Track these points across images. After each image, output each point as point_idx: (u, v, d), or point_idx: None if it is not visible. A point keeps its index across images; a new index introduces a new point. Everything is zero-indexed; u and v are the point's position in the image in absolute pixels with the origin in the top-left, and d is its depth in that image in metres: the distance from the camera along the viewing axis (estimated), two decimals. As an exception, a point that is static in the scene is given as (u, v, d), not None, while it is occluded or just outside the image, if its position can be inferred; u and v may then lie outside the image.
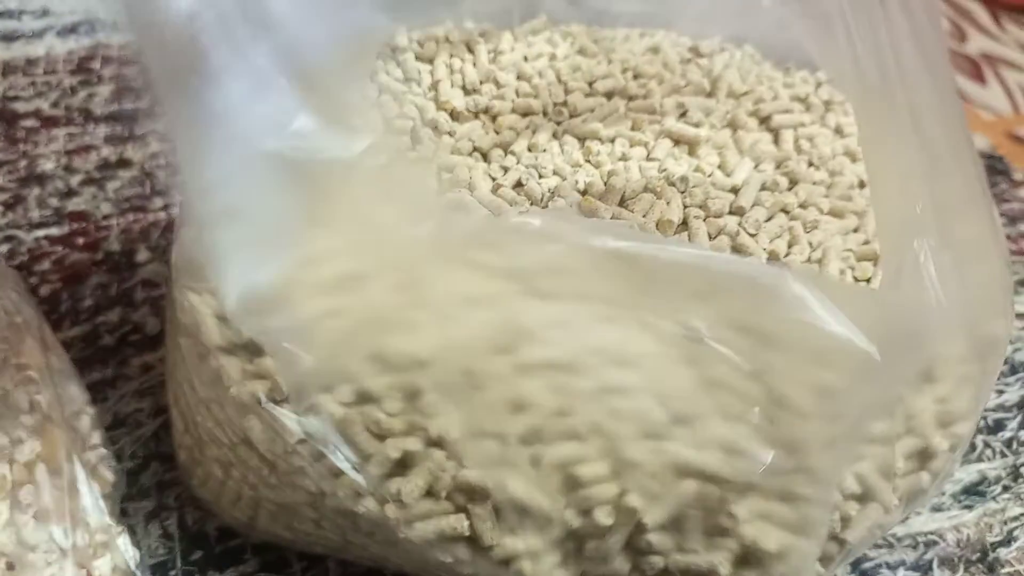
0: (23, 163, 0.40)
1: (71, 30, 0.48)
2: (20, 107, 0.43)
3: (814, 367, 0.21)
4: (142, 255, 0.36)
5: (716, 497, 0.21)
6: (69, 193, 0.38)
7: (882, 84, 0.24)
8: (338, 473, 0.20)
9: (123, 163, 0.40)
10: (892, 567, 0.29)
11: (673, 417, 0.21)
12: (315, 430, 0.20)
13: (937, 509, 0.31)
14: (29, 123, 0.42)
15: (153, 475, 0.28)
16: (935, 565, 0.29)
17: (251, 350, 0.21)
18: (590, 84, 0.30)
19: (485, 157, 0.27)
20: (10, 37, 0.47)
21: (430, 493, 0.20)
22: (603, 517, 0.21)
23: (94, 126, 0.42)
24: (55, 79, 0.45)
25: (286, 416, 0.20)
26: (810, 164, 0.28)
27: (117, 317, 0.33)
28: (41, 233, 0.36)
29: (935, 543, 0.29)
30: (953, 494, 0.31)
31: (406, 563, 0.22)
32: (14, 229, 0.36)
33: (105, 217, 0.37)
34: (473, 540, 0.20)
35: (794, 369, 0.21)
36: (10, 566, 0.20)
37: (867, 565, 0.29)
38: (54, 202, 0.38)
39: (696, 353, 0.21)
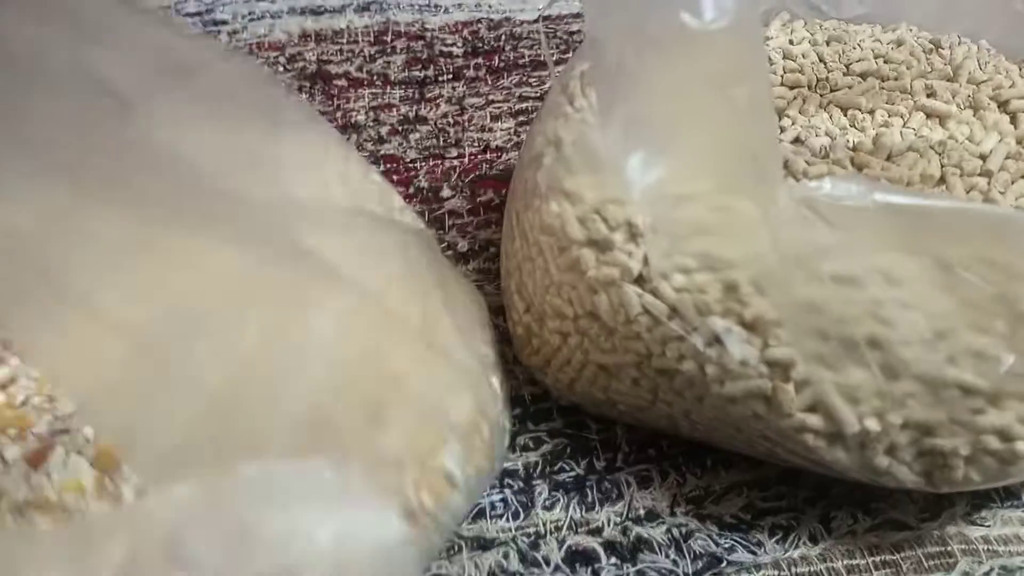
0: (339, 114, 0.49)
1: (365, 8, 0.57)
2: (332, 69, 0.52)
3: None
4: (445, 192, 0.44)
5: (969, 406, 0.26)
6: (380, 140, 0.47)
7: None
8: (667, 340, 0.27)
9: (420, 119, 0.49)
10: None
11: (935, 332, 0.26)
12: (652, 305, 0.27)
13: None
14: (340, 83, 0.51)
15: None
16: None
17: (603, 245, 0.28)
18: (847, 66, 0.36)
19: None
20: (317, 12, 0.57)
21: (742, 363, 0.26)
22: (873, 425, 0.26)
23: (391, 88, 0.51)
24: (357, 48, 0.54)
25: (632, 294, 0.27)
26: (1047, 143, 0.32)
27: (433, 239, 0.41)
28: (362, 170, 0.45)
29: None
30: None
31: (702, 421, 0.29)
32: (342, 165, 0.45)
33: (411, 161, 0.46)
34: (770, 401, 0.27)
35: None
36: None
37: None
38: (369, 147, 0.47)
39: (952, 280, 0.27)
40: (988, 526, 0.30)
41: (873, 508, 0.31)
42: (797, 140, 0.32)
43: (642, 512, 0.31)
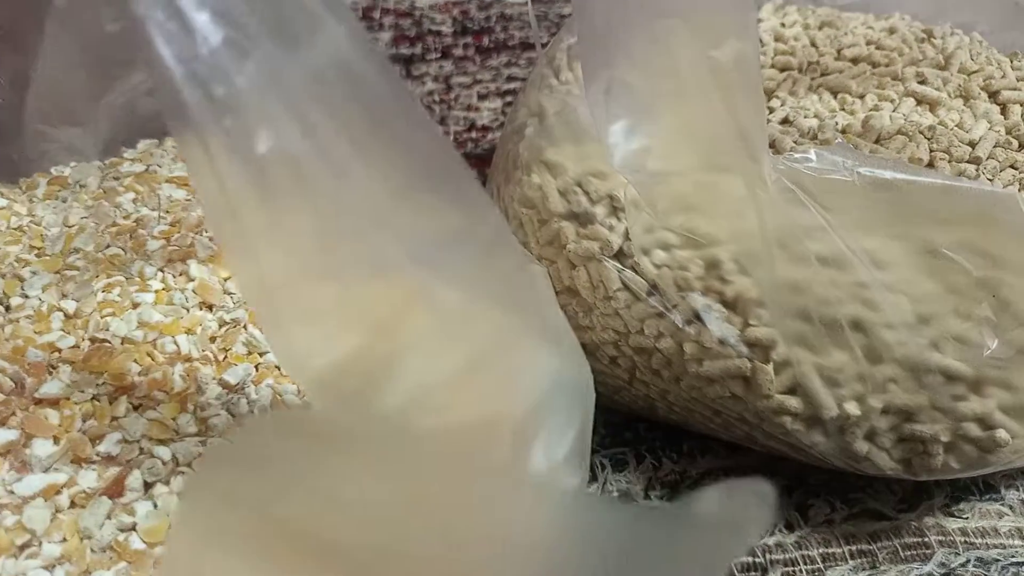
0: (323, 89, 0.48)
1: (354, -15, 0.56)
2: (318, 45, 0.52)
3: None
4: (428, 168, 0.43)
5: (951, 392, 0.26)
6: (363, 116, 0.46)
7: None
8: (646, 317, 0.27)
9: (405, 96, 0.48)
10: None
11: (919, 316, 0.26)
12: (632, 281, 0.26)
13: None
14: (325, 58, 0.51)
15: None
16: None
17: (583, 218, 0.27)
18: (838, 51, 0.35)
19: (752, 100, 0.33)
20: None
21: (722, 341, 0.26)
22: (852, 409, 0.26)
23: (377, 65, 0.50)
24: (344, 24, 0.53)
25: (612, 269, 0.27)
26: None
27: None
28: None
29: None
30: None
31: (680, 402, 0.28)
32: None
33: (395, 136, 0.45)
34: (748, 381, 0.26)
35: (1018, 281, 0.26)
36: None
37: None
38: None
39: (937, 264, 0.26)
40: (966, 518, 0.30)
41: (851, 498, 0.30)
42: (786, 120, 0.31)
43: (616, 495, 0.30)
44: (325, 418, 0.16)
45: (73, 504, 0.20)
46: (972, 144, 0.31)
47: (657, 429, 0.32)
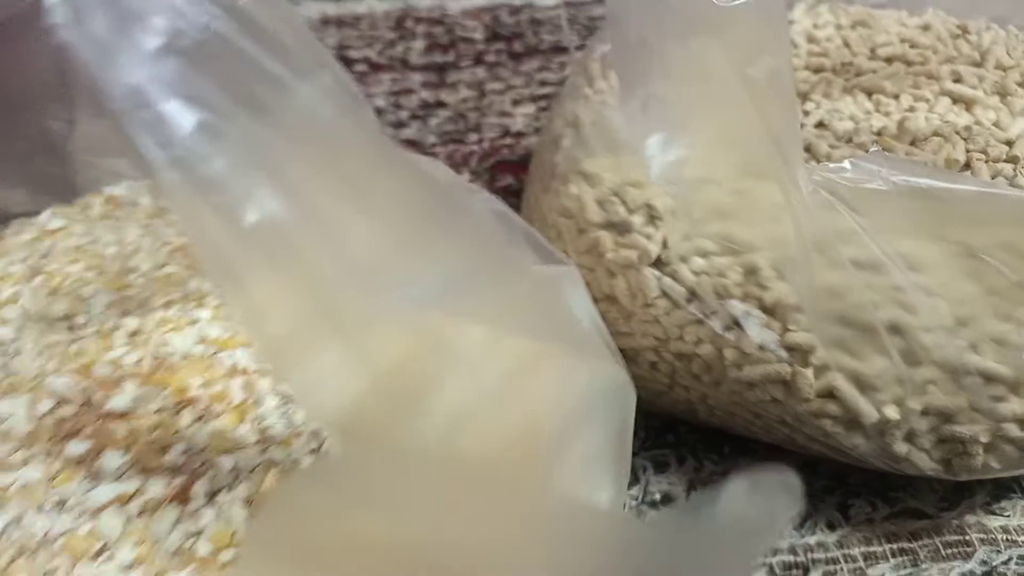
0: (359, 99, 0.49)
1: (386, -7, 0.57)
2: (353, 54, 0.52)
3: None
4: (465, 176, 0.44)
5: (990, 393, 0.26)
6: (400, 124, 0.47)
7: None
8: (685, 324, 0.27)
9: (439, 104, 0.49)
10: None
11: (957, 318, 0.26)
12: (671, 288, 0.27)
13: None
14: (361, 68, 0.52)
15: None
16: None
17: (621, 228, 0.28)
18: (871, 50, 0.35)
19: (786, 104, 0.33)
20: (338, -2, 0.57)
21: (761, 347, 0.26)
22: (892, 413, 0.26)
23: (411, 73, 0.51)
24: (377, 33, 0.54)
25: (650, 277, 0.27)
26: (1076, 128, 0.32)
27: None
28: (383, 153, 0.45)
29: None
30: None
31: (720, 406, 0.29)
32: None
33: (432, 145, 0.46)
34: (788, 386, 0.26)
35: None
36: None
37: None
38: (389, 131, 0.47)
39: (975, 267, 0.27)
40: (1007, 516, 0.30)
41: (892, 496, 0.31)
42: (821, 124, 0.31)
43: (658, 496, 0.31)
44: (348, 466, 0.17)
45: (143, 512, 0.21)
46: (1009, 143, 0.31)
47: (698, 431, 0.32)
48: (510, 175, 0.44)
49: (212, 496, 0.22)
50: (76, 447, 0.22)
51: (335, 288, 0.16)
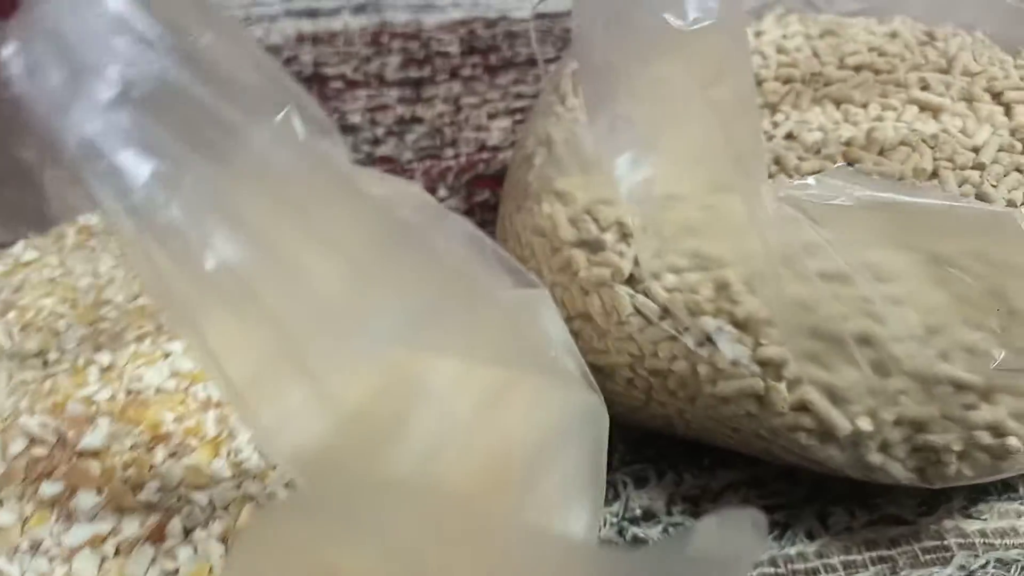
0: (335, 116, 0.49)
1: (361, 9, 0.57)
2: (328, 71, 0.53)
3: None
4: (442, 192, 0.44)
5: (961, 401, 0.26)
6: (376, 141, 0.47)
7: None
8: (659, 340, 0.27)
9: (416, 120, 0.49)
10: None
11: (926, 327, 0.26)
12: (644, 306, 0.27)
13: None
14: (337, 84, 0.52)
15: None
16: None
17: (594, 246, 0.28)
18: (840, 60, 0.36)
19: (755, 116, 0.33)
20: (313, 14, 0.57)
21: (734, 362, 0.26)
22: (865, 425, 0.26)
23: (387, 89, 0.51)
24: (353, 49, 0.54)
25: (623, 294, 0.27)
26: (1041, 134, 0.32)
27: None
28: (359, 171, 0.45)
29: None
30: None
31: (696, 420, 0.29)
32: (339, 167, 0.45)
33: (408, 162, 0.46)
34: (762, 400, 0.27)
35: (1025, 290, 0.26)
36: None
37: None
38: (366, 148, 0.47)
39: (943, 275, 0.27)
40: (985, 519, 0.30)
41: (870, 504, 0.31)
42: (790, 135, 0.32)
43: (639, 512, 0.31)
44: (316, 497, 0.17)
45: (118, 552, 0.21)
46: (975, 150, 0.31)
47: (677, 444, 0.33)
48: (487, 190, 0.44)
49: (188, 533, 0.22)
50: (50, 488, 0.22)
51: (297, 330, 0.16)
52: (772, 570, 0.29)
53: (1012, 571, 0.29)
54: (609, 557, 0.17)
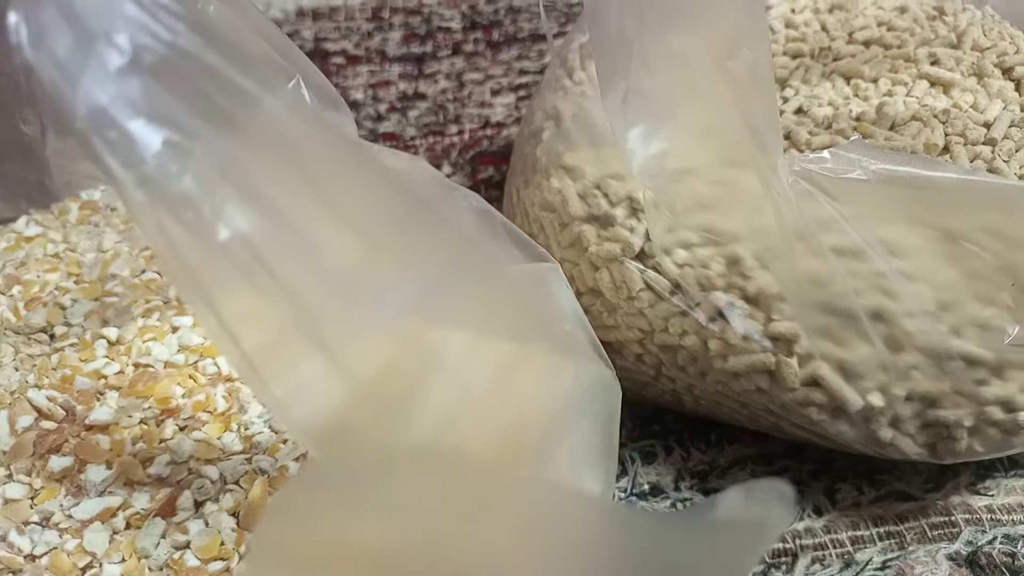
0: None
1: (362, -16, 0.57)
2: (330, 46, 0.52)
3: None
4: (446, 169, 0.44)
5: (973, 377, 0.26)
6: (379, 118, 0.47)
7: None
8: (670, 316, 0.27)
9: (418, 96, 0.48)
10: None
11: (939, 303, 0.26)
12: (655, 281, 0.27)
13: None
14: (338, 60, 0.51)
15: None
16: None
17: (604, 221, 0.28)
18: (849, 34, 0.35)
19: (765, 90, 0.33)
20: (313, -11, 0.56)
21: (745, 337, 0.26)
22: (876, 400, 0.26)
23: (389, 65, 0.51)
24: (354, 25, 0.53)
25: (634, 270, 0.27)
26: (1052, 108, 0.32)
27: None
28: (362, 147, 0.45)
29: None
30: None
31: (706, 396, 0.29)
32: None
33: (411, 139, 0.45)
34: (773, 375, 0.26)
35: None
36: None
37: None
38: (368, 124, 0.46)
39: (956, 251, 0.27)
40: (992, 495, 0.30)
41: (878, 480, 0.31)
42: (800, 111, 0.31)
43: (647, 487, 0.31)
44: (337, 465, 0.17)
45: (128, 525, 0.21)
46: (987, 125, 0.31)
47: (685, 420, 0.33)
48: (491, 166, 0.44)
49: (199, 507, 0.21)
50: (59, 462, 0.22)
51: (311, 301, 0.16)
52: (780, 545, 0.29)
53: (1019, 546, 0.29)
54: (637, 516, 0.17)
